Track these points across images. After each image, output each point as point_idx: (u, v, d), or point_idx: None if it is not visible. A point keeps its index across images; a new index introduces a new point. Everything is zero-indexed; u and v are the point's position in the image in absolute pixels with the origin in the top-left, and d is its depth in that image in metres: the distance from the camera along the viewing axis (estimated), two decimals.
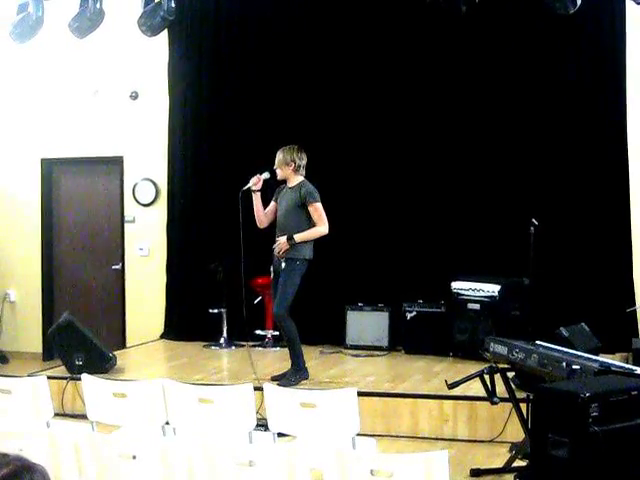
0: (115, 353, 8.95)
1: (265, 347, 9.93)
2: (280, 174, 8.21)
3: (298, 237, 8.00)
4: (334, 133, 9.97)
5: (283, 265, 8.05)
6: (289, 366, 8.18)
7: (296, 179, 8.18)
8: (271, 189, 8.40)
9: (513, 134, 9.45)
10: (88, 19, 8.94)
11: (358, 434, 5.33)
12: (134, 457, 4.51)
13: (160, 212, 10.88)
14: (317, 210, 8.06)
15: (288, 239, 7.98)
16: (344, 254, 9.87)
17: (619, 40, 9.19)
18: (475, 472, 6.25)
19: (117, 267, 11.16)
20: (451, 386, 6.31)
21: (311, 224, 8.08)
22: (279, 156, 8.19)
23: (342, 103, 9.98)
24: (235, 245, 9.09)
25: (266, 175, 8.25)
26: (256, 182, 8.20)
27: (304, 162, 8.21)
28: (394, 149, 9.83)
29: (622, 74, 9.19)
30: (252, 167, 8.64)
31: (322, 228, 8.07)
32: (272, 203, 8.35)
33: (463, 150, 9.62)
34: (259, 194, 8.24)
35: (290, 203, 8.12)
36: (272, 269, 8.31)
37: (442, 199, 9.70)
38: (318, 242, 8.25)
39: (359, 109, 9.93)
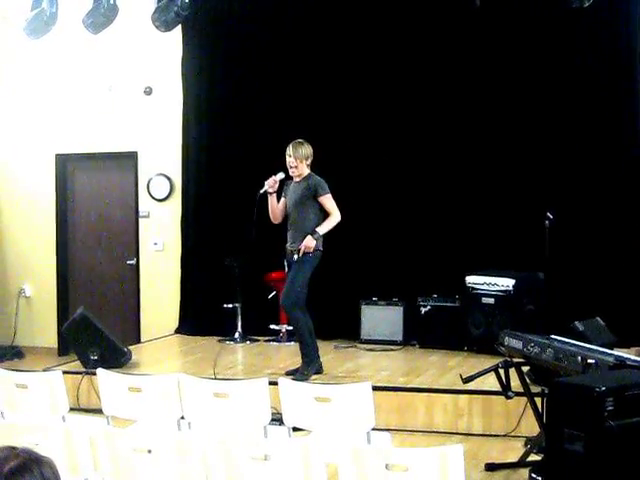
0: (130, 348, 8.98)
1: (279, 342, 9.94)
2: (300, 168, 8.09)
3: (321, 230, 7.98)
4: (348, 127, 9.97)
5: (295, 257, 8.04)
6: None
7: (305, 173, 8.17)
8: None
9: (528, 127, 9.43)
10: (102, 15, 8.93)
11: (373, 428, 5.33)
12: (149, 451, 4.52)
13: (174, 207, 10.90)
14: (329, 200, 8.05)
15: (312, 234, 7.93)
16: (358, 248, 9.88)
17: (634, 34, 9.16)
18: (490, 466, 6.25)
19: (132, 262, 11.18)
20: (466, 380, 6.31)
21: (321, 215, 8.07)
22: (300, 150, 8.08)
23: (356, 97, 9.97)
24: (249, 241, 9.11)
25: (281, 175, 8.15)
26: (272, 184, 8.09)
27: None
28: (410, 143, 9.81)
29: (637, 67, 9.16)
30: (266, 162, 8.65)
31: (337, 217, 8.05)
32: (282, 200, 8.28)
33: (478, 144, 9.61)
34: (274, 196, 8.18)
35: (299, 196, 8.09)
36: (285, 263, 8.29)
37: (457, 193, 9.69)
38: (333, 236, 8.25)
39: (373, 103, 9.93)
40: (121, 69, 10.98)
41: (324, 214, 8.10)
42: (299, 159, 8.09)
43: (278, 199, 8.29)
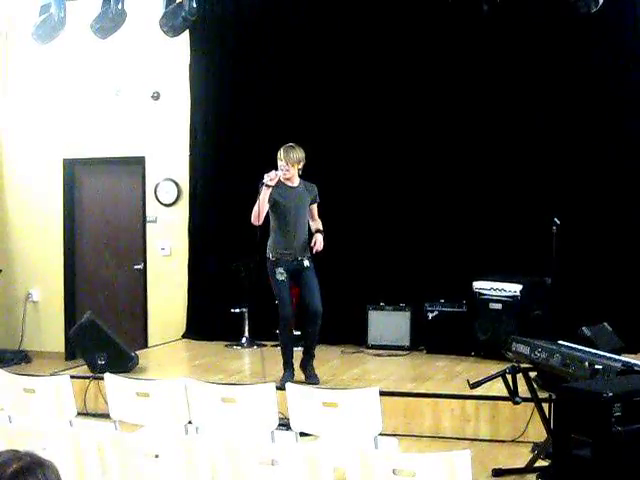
0: (137, 352, 8.98)
1: None
2: (291, 172, 8.02)
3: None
4: (355, 132, 9.96)
5: (307, 263, 8.05)
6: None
7: (297, 177, 8.15)
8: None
9: (535, 132, 9.42)
10: (110, 20, 8.96)
11: (380, 434, 5.33)
12: (157, 456, 4.53)
13: (182, 212, 10.90)
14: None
15: (322, 233, 8.12)
16: (365, 254, 9.87)
17: None
18: (497, 472, 6.24)
19: (139, 267, 11.19)
20: (473, 386, 6.30)
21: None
22: (296, 154, 8.01)
23: (365, 103, 9.96)
24: (257, 244, 9.09)
25: (280, 173, 8.06)
26: (273, 177, 7.93)
27: None
28: (417, 148, 9.80)
29: None
30: (273, 166, 8.62)
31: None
32: (267, 205, 8.03)
33: (485, 149, 9.60)
34: (269, 191, 7.97)
35: (304, 202, 8.11)
36: (283, 270, 8.14)
37: (464, 198, 9.68)
38: (340, 242, 8.26)
39: (383, 109, 9.91)
40: (129, 74, 11.00)
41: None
42: (290, 163, 8.01)
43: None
